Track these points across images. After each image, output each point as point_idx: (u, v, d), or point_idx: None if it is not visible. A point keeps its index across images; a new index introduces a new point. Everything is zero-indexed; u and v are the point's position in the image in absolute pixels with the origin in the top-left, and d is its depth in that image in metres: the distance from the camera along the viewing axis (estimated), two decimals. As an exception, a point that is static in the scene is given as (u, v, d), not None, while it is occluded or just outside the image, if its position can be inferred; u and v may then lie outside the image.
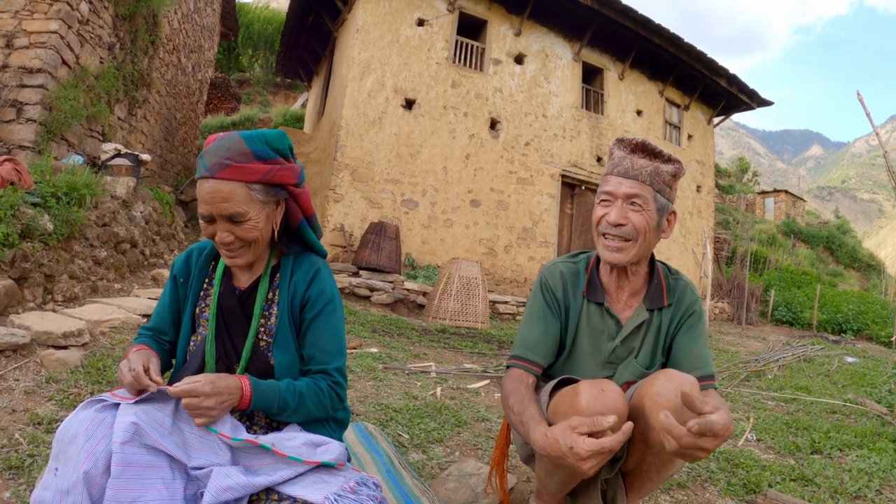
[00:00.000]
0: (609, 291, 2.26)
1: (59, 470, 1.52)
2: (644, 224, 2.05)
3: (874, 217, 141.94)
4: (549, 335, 2.23)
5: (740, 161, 49.51)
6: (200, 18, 14.35)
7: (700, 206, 19.18)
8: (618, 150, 2.14)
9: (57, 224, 4.97)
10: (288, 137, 1.84)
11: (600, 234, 2.13)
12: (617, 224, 2.05)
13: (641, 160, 2.08)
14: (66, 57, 6.77)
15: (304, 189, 1.91)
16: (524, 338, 2.24)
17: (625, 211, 2.05)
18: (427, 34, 13.68)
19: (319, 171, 13.88)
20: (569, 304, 2.27)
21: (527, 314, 2.31)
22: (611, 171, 2.13)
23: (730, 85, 18.70)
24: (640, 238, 2.07)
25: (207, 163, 1.70)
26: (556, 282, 2.30)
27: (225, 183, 1.69)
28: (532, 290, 2.35)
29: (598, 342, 2.24)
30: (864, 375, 8.01)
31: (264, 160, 1.74)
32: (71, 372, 3.54)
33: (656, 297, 2.22)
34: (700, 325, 2.22)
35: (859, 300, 19.58)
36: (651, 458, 1.95)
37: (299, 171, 1.86)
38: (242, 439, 1.66)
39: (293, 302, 1.90)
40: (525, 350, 2.21)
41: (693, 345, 2.17)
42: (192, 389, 1.60)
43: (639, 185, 2.05)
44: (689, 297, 2.25)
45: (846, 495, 3.34)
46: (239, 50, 30.25)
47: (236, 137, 1.72)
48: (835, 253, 34.45)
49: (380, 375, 4.93)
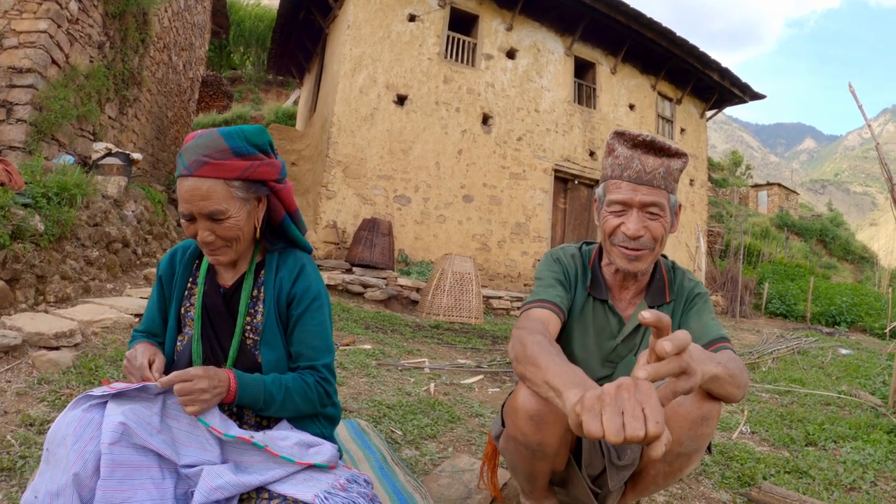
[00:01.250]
0: (612, 288, 2.19)
1: (48, 472, 1.51)
2: (662, 231, 1.97)
3: (867, 210, 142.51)
4: (567, 298, 2.11)
5: (733, 154, 49.54)
6: (191, 16, 14.30)
7: (693, 200, 19.21)
8: (620, 147, 2.00)
9: (48, 224, 4.95)
10: (268, 133, 1.82)
11: (615, 244, 2.02)
12: (637, 237, 1.95)
13: (651, 160, 1.95)
14: (56, 56, 6.74)
15: (286, 185, 1.89)
16: (542, 291, 2.09)
17: (642, 220, 1.95)
18: (418, 29, 13.67)
19: (312, 168, 13.88)
20: (575, 293, 2.18)
21: (539, 281, 2.16)
22: (619, 174, 1.98)
23: (722, 78, 18.74)
24: (658, 245, 2.00)
25: (186, 161, 1.68)
26: (568, 261, 2.21)
27: (204, 181, 1.67)
28: (543, 262, 2.23)
29: (599, 339, 2.17)
30: (859, 367, 8.06)
31: (243, 156, 1.72)
32: (63, 373, 3.53)
33: (658, 293, 2.16)
34: (705, 305, 2.13)
35: (853, 292, 19.61)
36: (661, 466, 1.93)
37: (280, 166, 1.85)
38: (235, 436, 1.65)
39: (279, 299, 1.88)
40: (547, 295, 2.06)
41: (698, 319, 2.07)
42: (185, 373, 1.60)
43: (655, 192, 1.94)
44: (687, 284, 2.19)
45: (841, 487, 3.36)
46: (230, 47, 30.15)
47: (214, 134, 1.71)
48: (828, 245, 34.51)
49: (373, 372, 4.93)
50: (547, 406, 1.75)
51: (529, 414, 1.81)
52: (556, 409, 1.70)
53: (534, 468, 2.04)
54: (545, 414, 1.78)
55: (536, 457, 1.95)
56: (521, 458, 2.01)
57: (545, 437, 1.84)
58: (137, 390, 1.64)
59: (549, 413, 1.77)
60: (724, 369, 1.56)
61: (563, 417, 1.72)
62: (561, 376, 1.42)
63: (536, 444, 1.87)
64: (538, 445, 1.88)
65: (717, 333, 1.97)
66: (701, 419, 1.72)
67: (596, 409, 1.10)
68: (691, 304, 2.14)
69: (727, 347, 1.91)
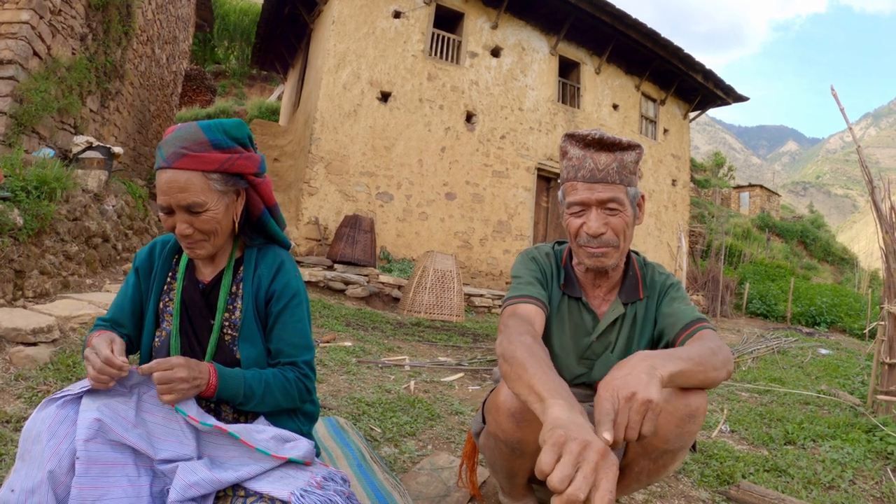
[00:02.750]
0: (585, 286, 2.19)
1: (24, 469, 1.50)
2: (624, 225, 1.96)
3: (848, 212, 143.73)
4: (547, 297, 2.10)
5: (716, 156, 49.77)
6: (175, 9, 14.23)
7: (675, 200, 19.31)
8: (572, 148, 2.00)
9: (27, 219, 4.91)
10: (247, 126, 1.82)
11: (580, 245, 2.02)
12: (598, 234, 1.95)
13: (604, 156, 1.95)
14: (38, 48, 6.68)
15: (265, 179, 1.89)
16: (524, 288, 2.08)
17: (602, 217, 1.95)
18: (403, 26, 13.65)
19: (294, 163, 13.85)
20: (551, 291, 2.18)
21: (518, 279, 2.14)
22: (573, 175, 1.99)
23: (706, 80, 18.84)
24: (622, 240, 1.99)
25: (165, 153, 1.68)
26: (544, 260, 2.20)
27: (182, 173, 1.66)
28: (519, 261, 2.22)
29: (575, 337, 2.17)
30: (838, 367, 8.13)
31: (222, 149, 1.72)
32: (40, 369, 3.50)
33: (632, 290, 2.16)
34: (678, 292, 2.14)
35: (833, 293, 19.77)
36: (646, 463, 1.92)
37: (259, 160, 1.84)
38: (212, 425, 1.64)
39: (257, 295, 1.88)
40: (530, 291, 2.06)
41: (670, 307, 2.08)
42: (166, 361, 1.59)
43: (611, 188, 1.93)
44: (658, 278, 2.19)
45: (819, 486, 3.38)
46: (214, 41, 30.00)
47: (194, 127, 1.71)
48: (809, 247, 34.79)
49: (353, 369, 4.92)
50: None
51: (511, 411, 1.82)
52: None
53: (513, 466, 2.05)
54: (526, 412, 1.77)
55: (516, 454, 1.95)
56: (500, 455, 2.02)
57: (525, 434, 1.84)
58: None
59: (531, 411, 1.76)
60: (687, 362, 1.57)
61: None
62: (546, 384, 1.43)
63: (517, 441, 1.88)
64: (518, 443, 1.88)
65: (691, 316, 1.99)
66: (688, 417, 1.71)
67: (556, 449, 1.12)
68: (664, 296, 2.15)
69: (705, 327, 1.92)
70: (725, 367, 1.71)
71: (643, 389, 1.29)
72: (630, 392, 1.28)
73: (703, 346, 1.71)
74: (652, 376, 1.35)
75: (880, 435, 4.30)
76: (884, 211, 5.06)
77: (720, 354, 1.70)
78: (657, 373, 1.38)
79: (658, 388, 1.31)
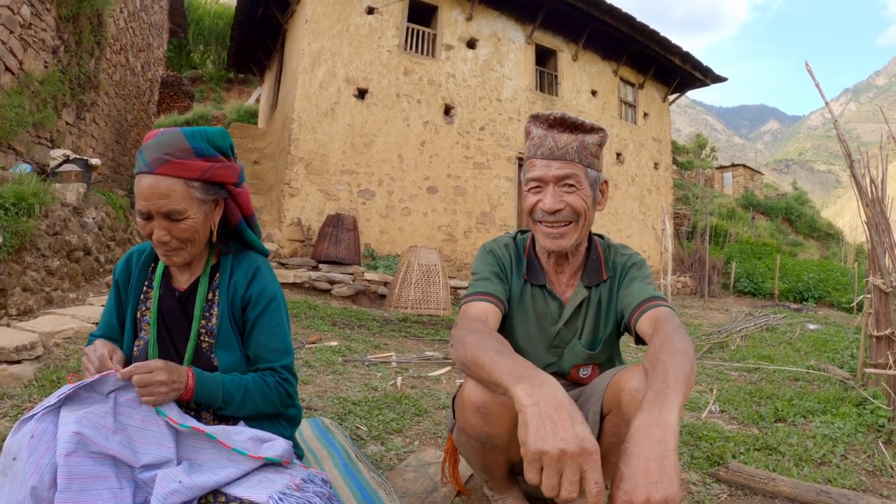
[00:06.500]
0: (548, 273, 2.18)
1: (7, 486, 1.51)
2: (582, 204, 1.96)
3: (831, 187, 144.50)
4: (504, 291, 2.10)
5: (698, 137, 49.94)
6: (148, 16, 14.14)
7: (658, 183, 19.39)
8: (535, 129, 2.03)
9: (6, 236, 4.88)
10: (230, 136, 1.83)
11: (536, 221, 2.04)
12: (554, 210, 1.95)
13: (565, 136, 1.97)
14: (9, 63, 6.62)
15: (243, 189, 1.90)
16: (479, 285, 2.09)
17: (559, 194, 1.95)
18: (377, 22, 13.61)
19: (274, 165, 13.81)
20: (511, 283, 2.17)
21: (475, 275, 2.15)
22: (533, 153, 2.01)
23: (684, 63, 18.91)
24: (580, 219, 1.98)
25: (147, 157, 1.67)
26: (502, 252, 2.21)
27: (164, 179, 1.67)
28: (478, 256, 2.23)
29: (541, 326, 2.16)
30: (827, 341, 8.13)
31: (205, 157, 1.73)
32: (25, 386, 3.49)
33: (594, 272, 2.15)
34: (639, 271, 2.11)
35: (819, 268, 19.84)
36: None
37: (239, 170, 1.85)
38: (189, 426, 1.66)
39: (233, 301, 1.88)
40: (484, 287, 2.06)
41: (629, 287, 2.06)
42: (145, 365, 1.62)
43: (569, 165, 1.95)
44: (620, 259, 2.18)
45: (811, 462, 3.37)
46: (190, 46, 29.82)
47: (177, 133, 1.71)
48: (794, 224, 34.91)
49: (339, 369, 4.91)
50: (493, 398, 1.76)
51: (475, 406, 1.82)
52: (503, 400, 1.73)
53: (487, 460, 2.06)
54: (491, 406, 1.78)
55: (487, 449, 1.96)
56: (473, 450, 2.04)
57: (494, 429, 1.85)
58: (88, 389, 1.64)
59: (496, 405, 1.78)
60: (684, 387, 1.44)
61: (510, 409, 1.74)
62: (504, 370, 1.44)
63: (486, 436, 1.89)
64: (488, 438, 1.89)
65: (647, 294, 1.97)
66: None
67: (536, 465, 1.22)
68: (625, 275, 2.14)
69: (660, 305, 1.90)
70: (693, 360, 1.58)
71: (675, 491, 1.20)
72: (662, 498, 1.18)
73: (675, 354, 1.56)
74: (674, 463, 1.24)
75: (870, 408, 4.28)
76: (864, 185, 5.07)
77: (689, 351, 1.60)
78: (674, 443, 1.28)
79: (678, 475, 1.22)
